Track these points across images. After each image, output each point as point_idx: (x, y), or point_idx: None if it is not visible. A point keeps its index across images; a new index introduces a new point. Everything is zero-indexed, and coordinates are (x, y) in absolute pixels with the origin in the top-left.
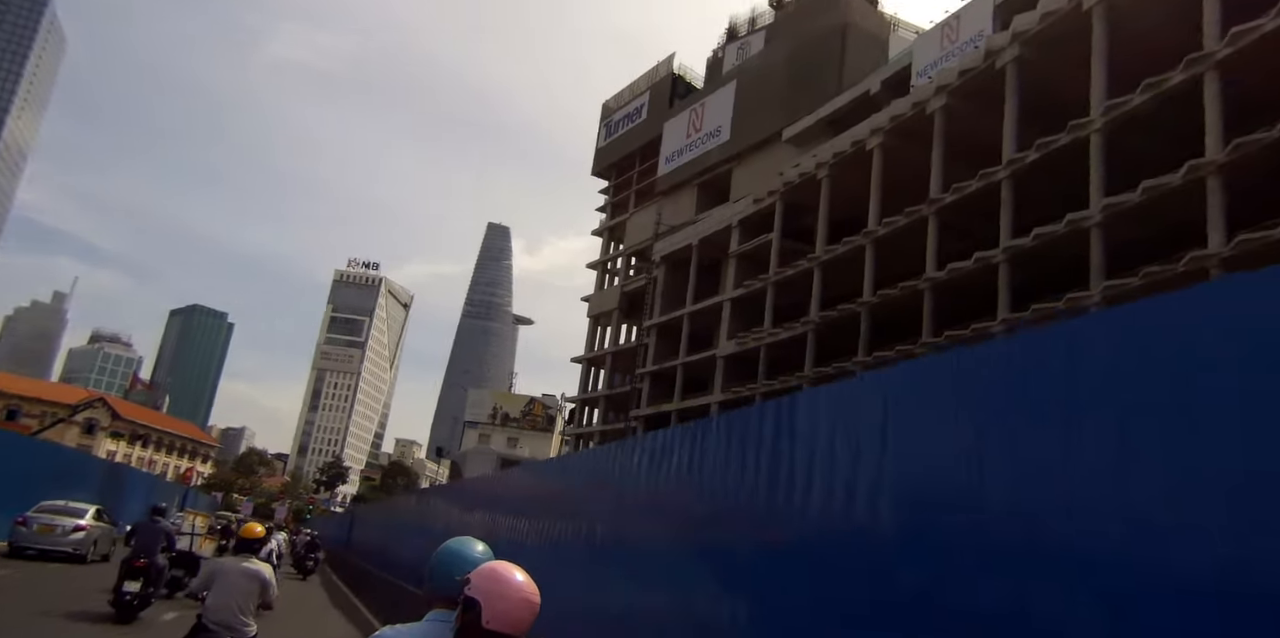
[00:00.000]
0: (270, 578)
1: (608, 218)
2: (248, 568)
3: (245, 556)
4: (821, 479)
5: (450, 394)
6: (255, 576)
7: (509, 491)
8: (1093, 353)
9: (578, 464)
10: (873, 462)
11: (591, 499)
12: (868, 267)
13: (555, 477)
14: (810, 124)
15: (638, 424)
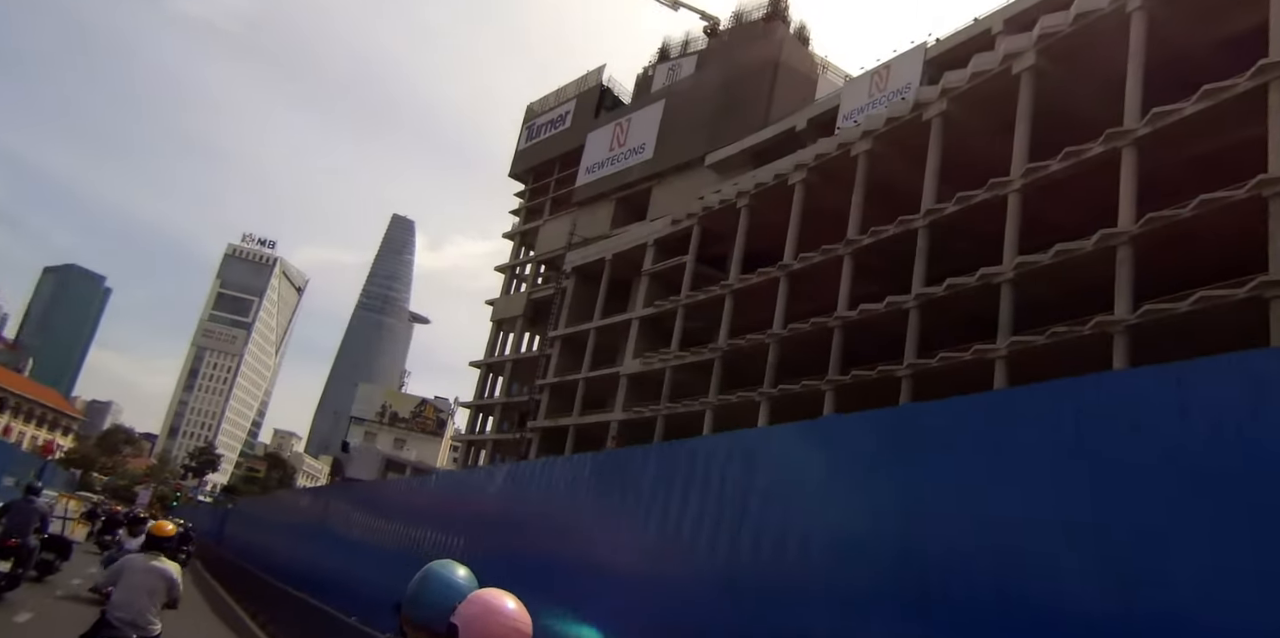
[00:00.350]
0: (177, 577)
1: (521, 222)
2: (155, 566)
3: (154, 553)
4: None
5: (336, 388)
6: (163, 574)
7: (430, 500)
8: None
9: (527, 474)
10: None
11: (532, 517)
12: (780, 299)
13: (490, 488)
14: (734, 153)
15: (534, 436)
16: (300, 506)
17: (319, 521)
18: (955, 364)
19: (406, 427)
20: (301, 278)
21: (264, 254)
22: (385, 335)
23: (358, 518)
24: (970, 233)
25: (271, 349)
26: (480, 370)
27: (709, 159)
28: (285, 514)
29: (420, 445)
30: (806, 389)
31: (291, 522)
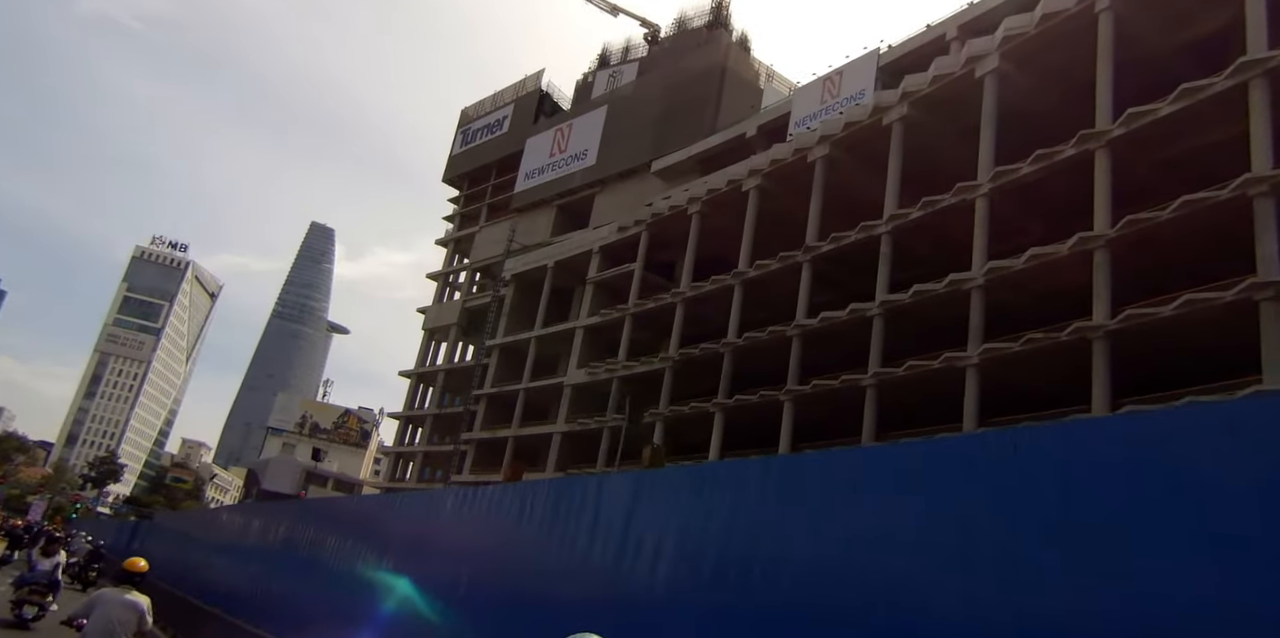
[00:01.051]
0: (148, 610)
1: (455, 228)
2: (128, 599)
3: (125, 587)
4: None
5: (248, 398)
6: (134, 607)
7: (396, 521)
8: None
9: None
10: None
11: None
12: (735, 308)
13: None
14: (681, 159)
15: (469, 448)
16: (237, 524)
17: (278, 541)
18: (923, 373)
19: (328, 438)
20: (215, 283)
21: (175, 257)
22: (302, 345)
23: (330, 540)
24: (936, 239)
25: (182, 356)
26: (410, 380)
27: (655, 166)
28: (214, 531)
29: (342, 457)
30: (765, 400)
31: (226, 541)
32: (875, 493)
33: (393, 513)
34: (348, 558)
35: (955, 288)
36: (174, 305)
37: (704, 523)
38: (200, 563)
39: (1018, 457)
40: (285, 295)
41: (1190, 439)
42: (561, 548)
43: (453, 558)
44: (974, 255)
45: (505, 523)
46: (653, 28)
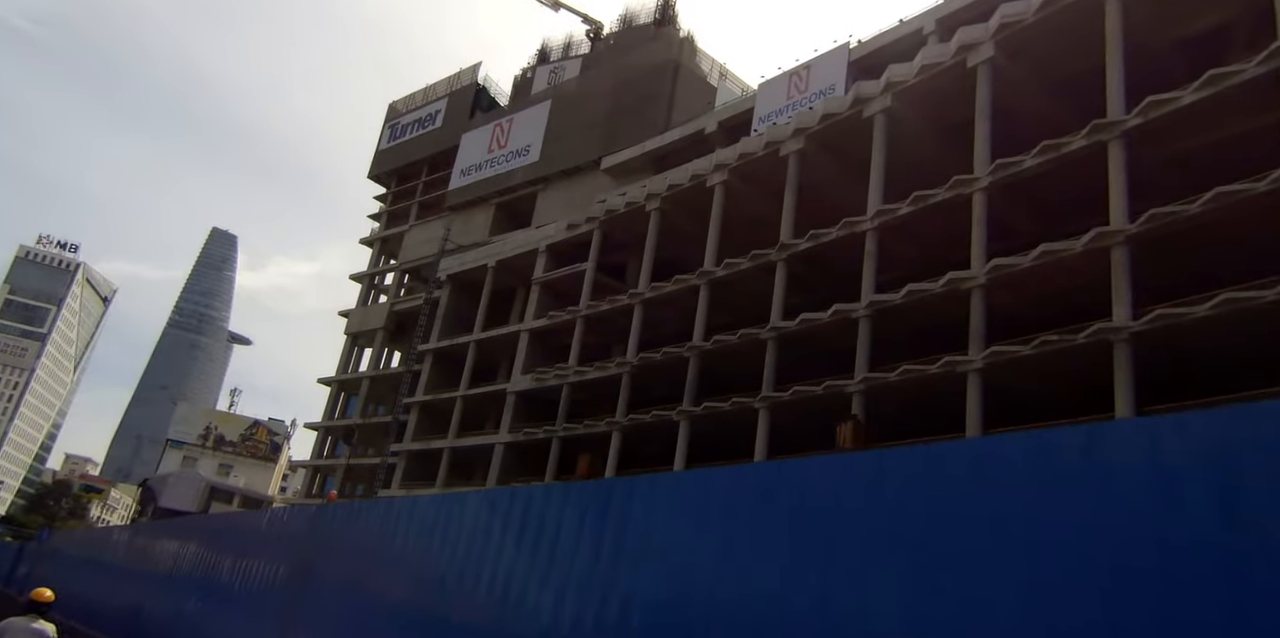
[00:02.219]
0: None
1: (382, 227)
2: (34, 628)
3: (33, 616)
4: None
5: (140, 411)
6: (41, 635)
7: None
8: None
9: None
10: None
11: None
12: (701, 310)
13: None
14: (634, 156)
15: (399, 460)
16: (162, 546)
17: (190, 562)
18: (920, 378)
19: (234, 451)
20: (108, 287)
21: (64, 258)
22: (200, 356)
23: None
24: (926, 237)
25: (69, 365)
26: (331, 388)
27: (605, 163)
28: (131, 555)
29: (250, 472)
30: (737, 407)
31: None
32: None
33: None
34: (275, 581)
35: (954, 287)
36: (62, 310)
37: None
38: (112, 591)
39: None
40: (183, 304)
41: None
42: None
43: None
44: (972, 254)
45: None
46: (596, 24)
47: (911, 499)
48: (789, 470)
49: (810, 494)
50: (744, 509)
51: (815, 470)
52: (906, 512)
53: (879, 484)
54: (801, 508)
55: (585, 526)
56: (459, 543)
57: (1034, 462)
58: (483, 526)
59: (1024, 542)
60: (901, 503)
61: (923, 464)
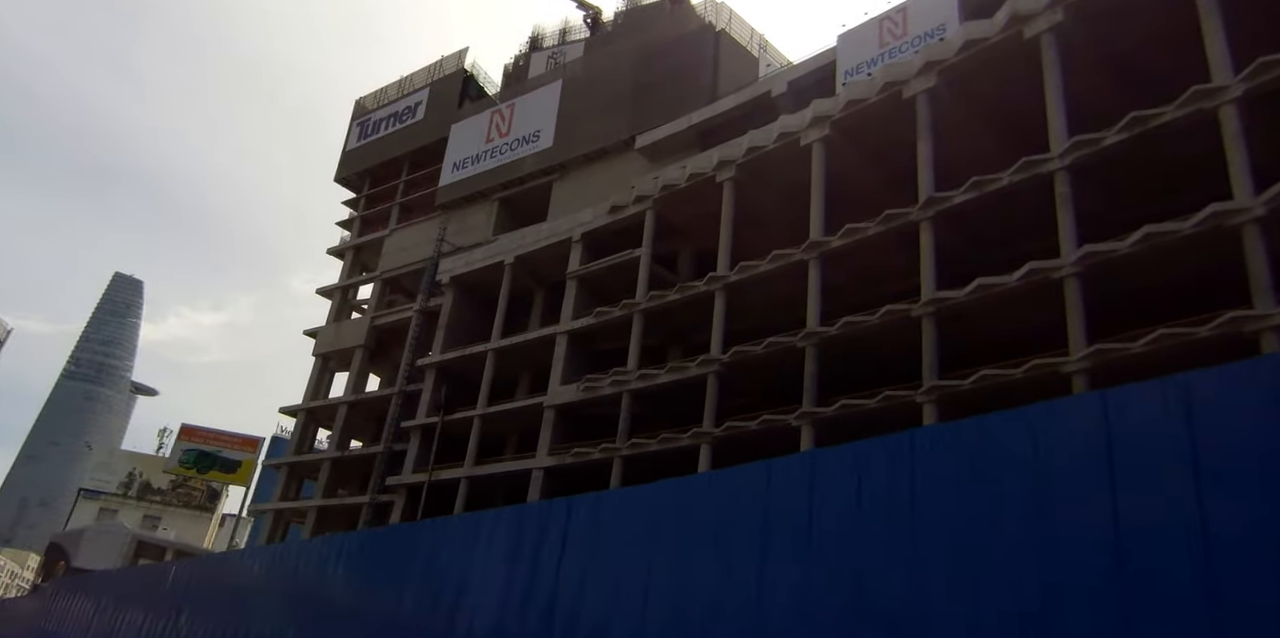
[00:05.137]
0: None
1: (354, 235)
2: None
3: None
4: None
5: (27, 469)
6: None
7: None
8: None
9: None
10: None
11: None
12: (813, 288)
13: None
14: (678, 131)
15: (397, 496)
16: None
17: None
18: (1003, 384)
19: (164, 501)
20: (2, 328)
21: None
22: (98, 408)
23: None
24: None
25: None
26: (298, 418)
27: (639, 141)
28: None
29: (181, 524)
30: (891, 404)
31: None
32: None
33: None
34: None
35: (1040, 278)
36: None
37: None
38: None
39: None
40: (80, 354)
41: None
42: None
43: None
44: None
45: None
46: (593, 9)
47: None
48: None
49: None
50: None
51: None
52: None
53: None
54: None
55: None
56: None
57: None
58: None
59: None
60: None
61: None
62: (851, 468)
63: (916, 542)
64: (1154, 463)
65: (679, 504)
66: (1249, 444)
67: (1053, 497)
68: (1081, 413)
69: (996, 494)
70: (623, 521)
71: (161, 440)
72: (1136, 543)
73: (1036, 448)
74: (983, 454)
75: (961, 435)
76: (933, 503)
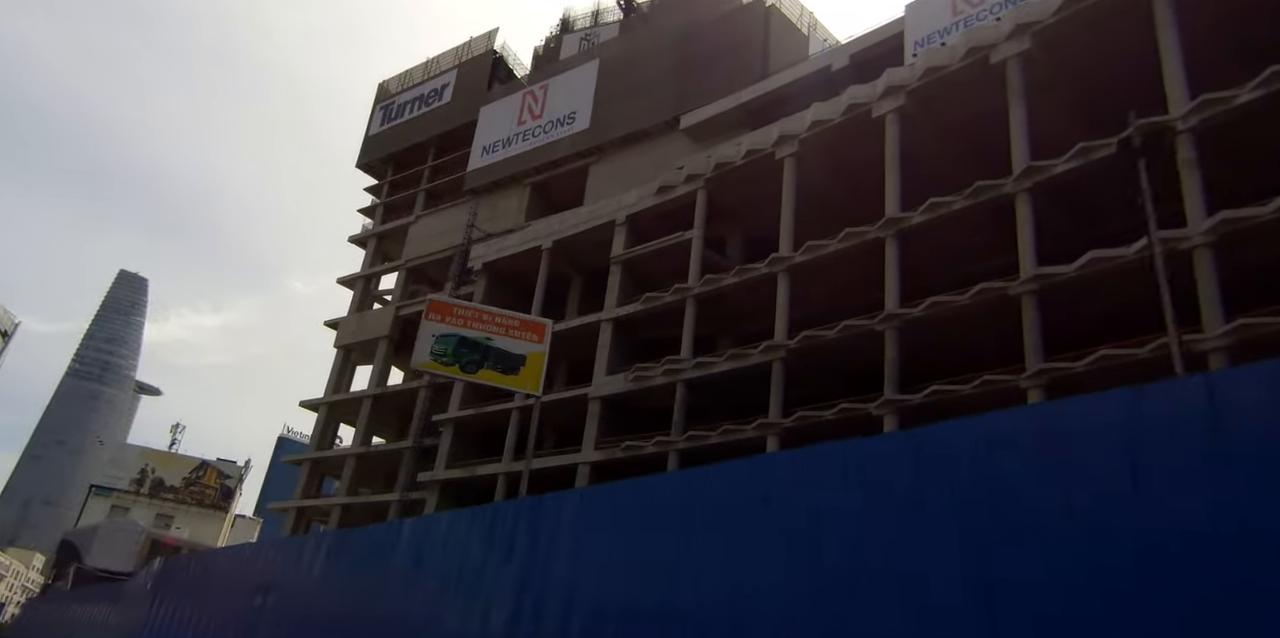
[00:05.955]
0: None
1: (377, 222)
2: None
3: None
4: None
5: (31, 469)
6: None
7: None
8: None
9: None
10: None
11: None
12: (891, 267)
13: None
14: (725, 109)
15: (429, 493)
16: None
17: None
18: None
19: (177, 499)
20: (9, 320)
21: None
22: (102, 407)
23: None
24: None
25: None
26: (320, 413)
27: (685, 121)
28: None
29: (194, 523)
30: (988, 389)
31: None
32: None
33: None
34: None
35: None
36: None
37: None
38: None
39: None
40: (84, 352)
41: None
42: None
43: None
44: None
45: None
46: None
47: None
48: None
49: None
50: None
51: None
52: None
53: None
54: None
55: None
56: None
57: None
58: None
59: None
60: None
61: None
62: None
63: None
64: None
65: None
66: None
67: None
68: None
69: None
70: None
71: (174, 436)
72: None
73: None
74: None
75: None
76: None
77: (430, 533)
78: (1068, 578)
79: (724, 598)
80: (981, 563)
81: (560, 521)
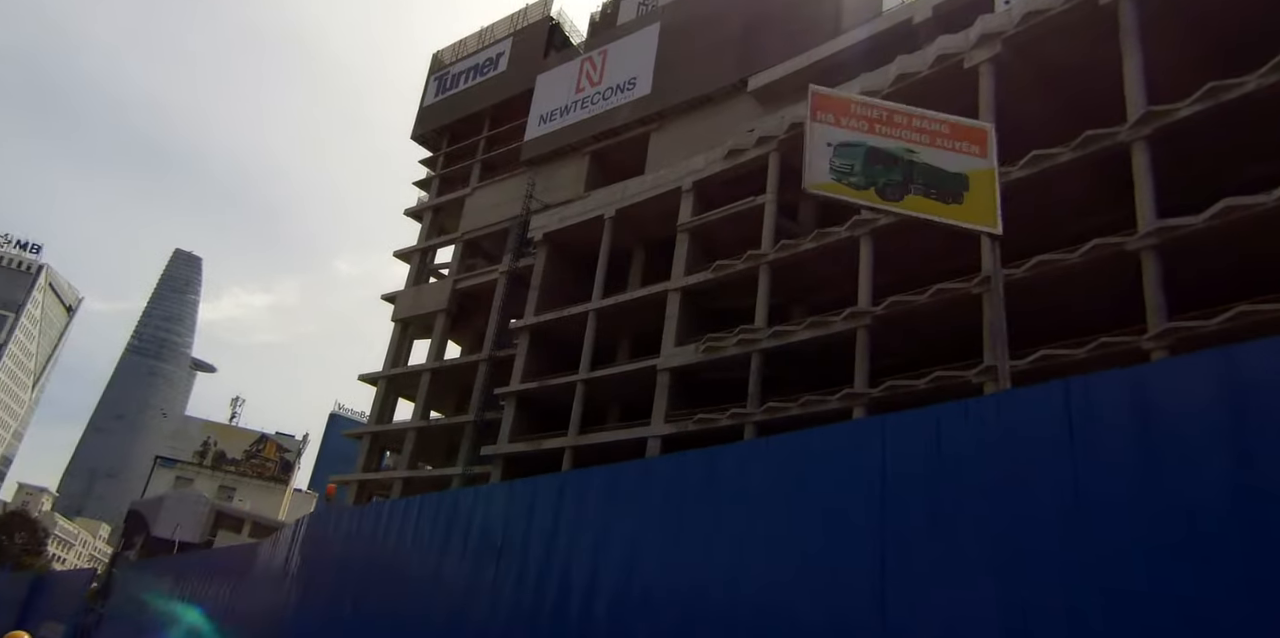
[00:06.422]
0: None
1: (433, 195)
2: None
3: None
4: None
5: (94, 442)
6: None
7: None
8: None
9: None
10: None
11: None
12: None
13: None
14: (798, 68)
15: (493, 467)
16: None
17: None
18: None
19: (238, 471)
20: (74, 294)
21: (24, 260)
22: (160, 383)
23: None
24: None
25: (28, 380)
26: (379, 387)
27: (752, 84)
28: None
29: (255, 495)
30: (1111, 350)
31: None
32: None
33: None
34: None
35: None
36: (20, 317)
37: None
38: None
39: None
40: (142, 329)
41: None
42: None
43: None
44: None
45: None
46: None
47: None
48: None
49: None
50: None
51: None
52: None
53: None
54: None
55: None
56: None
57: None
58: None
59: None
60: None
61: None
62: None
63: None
64: None
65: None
66: None
67: None
68: None
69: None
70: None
71: (234, 409)
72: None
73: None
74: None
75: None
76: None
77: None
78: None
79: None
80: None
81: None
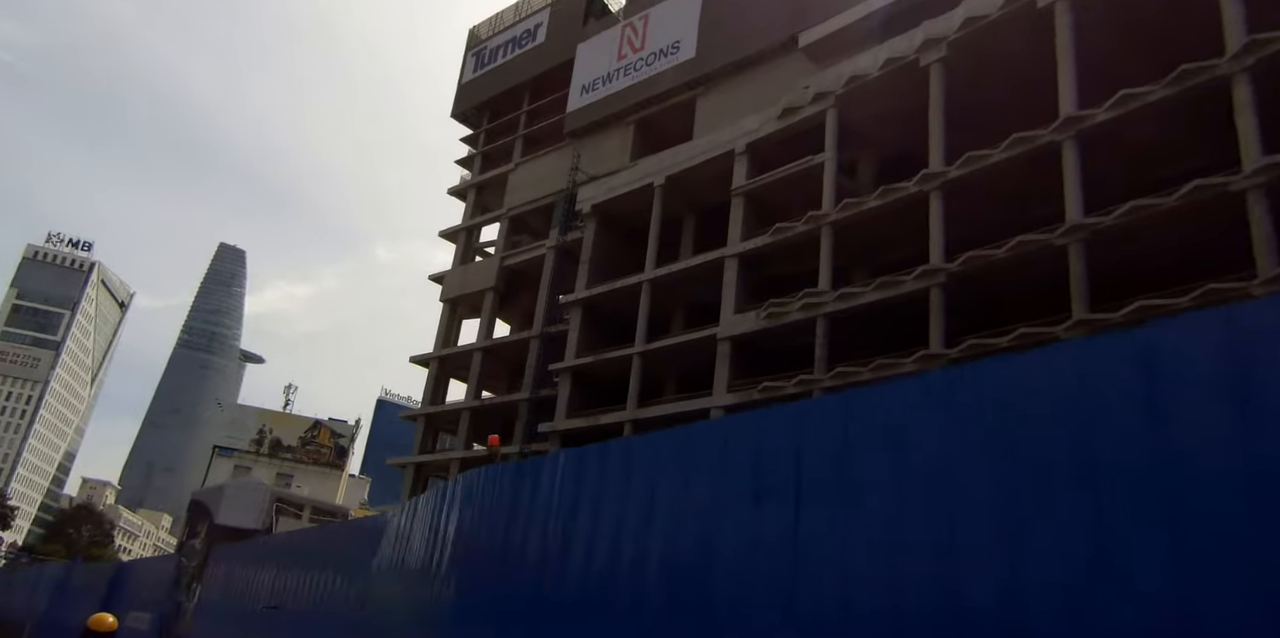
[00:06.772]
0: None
1: (475, 172)
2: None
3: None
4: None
5: (151, 437)
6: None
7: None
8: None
9: None
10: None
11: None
12: (1071, 177)
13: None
14: (853, 21)
15: (548, 445)
16: None
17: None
18: None
19: (294, 458)
20: (125, 290)
21: (77, 258)
22: (211, 376)
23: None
24: None
25: (86, 377)
26: (430, 368)
27: (803, 40)
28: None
29: (312, 481)
30: (1213, 299)
31: None
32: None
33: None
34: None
35: None
36: (76, 315)
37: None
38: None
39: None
40: (192, 323)
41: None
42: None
43: None
44: None
45: None
46: None
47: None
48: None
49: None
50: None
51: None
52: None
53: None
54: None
55: None
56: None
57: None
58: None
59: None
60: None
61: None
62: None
63: None
64: None
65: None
66: None
67: None
68: None
69: None
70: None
71: (288, 397)
72: None
73: None
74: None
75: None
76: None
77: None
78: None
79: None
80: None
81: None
